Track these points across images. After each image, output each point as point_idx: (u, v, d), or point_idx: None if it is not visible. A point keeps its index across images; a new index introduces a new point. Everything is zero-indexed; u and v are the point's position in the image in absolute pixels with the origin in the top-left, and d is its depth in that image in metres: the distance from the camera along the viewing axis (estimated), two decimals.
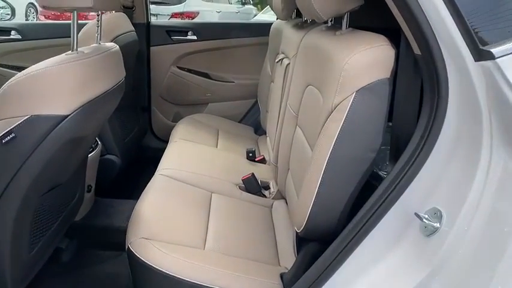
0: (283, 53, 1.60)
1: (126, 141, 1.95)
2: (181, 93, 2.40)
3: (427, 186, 0.77)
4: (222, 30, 2.36)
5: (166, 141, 2.09)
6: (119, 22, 1.84)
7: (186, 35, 2.32)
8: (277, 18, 2.25)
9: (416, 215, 0.75)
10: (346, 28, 0.99)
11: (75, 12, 0.92)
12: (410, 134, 0.81)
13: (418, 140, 0.78)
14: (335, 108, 0.84)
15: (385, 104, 0.82)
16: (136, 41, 2.04)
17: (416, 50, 0.76)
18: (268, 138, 1.76)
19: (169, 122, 2.44)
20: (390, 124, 0.90)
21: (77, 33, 0.93)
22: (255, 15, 8.73)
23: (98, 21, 1.10)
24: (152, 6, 7.15)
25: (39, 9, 7.71)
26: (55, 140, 0.87)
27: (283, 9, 1.41)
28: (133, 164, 2.23)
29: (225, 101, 2.45)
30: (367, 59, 0.81)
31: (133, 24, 2.18)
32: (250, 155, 1.79)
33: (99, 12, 1.09)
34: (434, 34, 0.70)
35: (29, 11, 7.69)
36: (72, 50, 0.94)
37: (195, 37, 2.32)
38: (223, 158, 1.74)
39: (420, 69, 0.78)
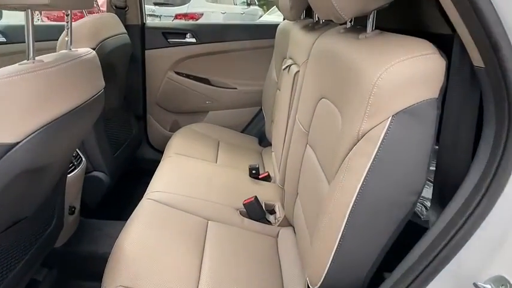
0: (291, 58, 1.40)
1: (117, 155, 1.77)
2: (179, 100, 2.21)
3: (490, 246, 0.56)
4: (223, 32, 2.16)
5: (163, 152, 1.90)
6: (107, 24, 1.66)
7: (184, 38, 2.13)
8: (284, 19, 2.06)
9: (476, 286, 0.55)
10: (373, 30, 0.79)
11: (29, 11, 0.73)
12: (463, 173, 0.61)
13: (476, 181, 0.58)
14: (363, 137, 0.64)
15: (431, 133, 0.61)
16: (128, 44, 1.85)
17: (478, 61, 0.56)
18: (273, 153, 1.56)
19: (166, 131, 2.26)
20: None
21: (33, 37, 0.75)
22: (261, 16, 8.57)
23: (66, 22, 0.91)
24: (155, 7, 7.03)
25: None
26: (1, 173, 0.68)
27: (291, 8, 1.22)
28: (126, 178, 2.04)
29: (226, 109, 2.25)
30: (408, 72, 0.60)
31: (126, 26, 2.00)
32: (254, 172, 1.60)
33: (69, 12, 0.91)
34: (508, 38, 0.50)
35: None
36: (28, 59, 0.75)
37: (194, 40, 2.13)
38: (223, 176, 1.55)
39: (481, 87, 0.58)
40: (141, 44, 2.09)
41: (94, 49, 1.49)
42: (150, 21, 2.15)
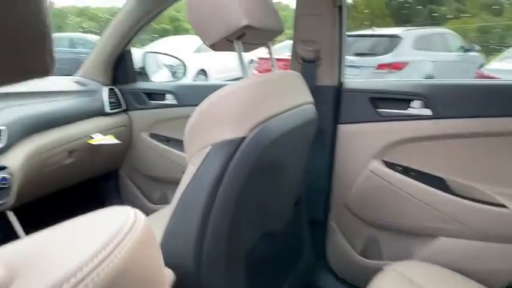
0: None
1: None
2: (384, 208, 1.31)
3: None
4: (477, 100, 1.17)
5: (351, 285, 1.03)
6: (279, 89, 0.95)
7: (407, 107, 1.25)
8: None
9: None
10: None
11: None
12: None
13: None
14: None
15: None
16: (313, 120, 1.10)
17: None
18: None
19: (355, 254, 1.38)
20: None
21: None
22: (482, 66, 6.88)
23: None
24: (355, 58, 6.31)
25: (209, 75, 7.36)
26: None
27: None
28: None
29: (471, 240, 1.20)
30: None
31: (315, 88, 1.29)
32: None
33: None
34: None
35: (197, 77, 7.27)
36: None
37: (427, 111, 1.22)
38: None
39: None
40: (333, 114, 1.33)
41: (243, 139, 0.80)
42: (350, 80, 1.37)
